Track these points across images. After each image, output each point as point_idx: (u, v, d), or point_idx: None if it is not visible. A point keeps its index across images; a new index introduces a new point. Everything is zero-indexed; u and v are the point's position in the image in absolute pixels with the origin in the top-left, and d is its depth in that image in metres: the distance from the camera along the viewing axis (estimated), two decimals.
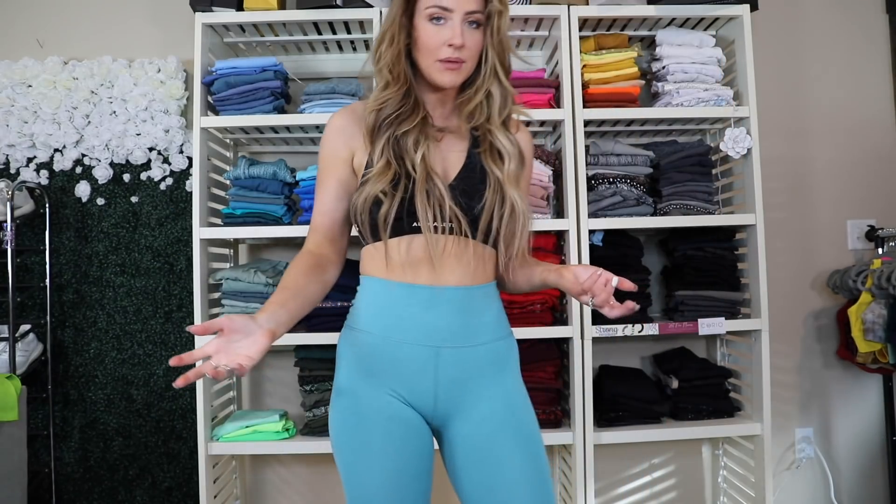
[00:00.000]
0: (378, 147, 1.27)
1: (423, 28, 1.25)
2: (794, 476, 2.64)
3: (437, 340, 1.28)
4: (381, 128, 1.28)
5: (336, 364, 1.36)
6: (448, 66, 1.25)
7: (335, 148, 1.33)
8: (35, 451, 2.53)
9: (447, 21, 1.23)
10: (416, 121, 1.28)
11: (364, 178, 1.28)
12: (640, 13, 2.29)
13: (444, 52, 1.24)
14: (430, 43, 1.24)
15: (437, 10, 1.23)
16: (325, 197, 1.32)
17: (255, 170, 2.27)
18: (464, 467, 1.30)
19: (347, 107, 1.38)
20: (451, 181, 1.30)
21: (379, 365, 1.30)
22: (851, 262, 2.64)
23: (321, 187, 1.33)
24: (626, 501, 2.63)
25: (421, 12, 1.25)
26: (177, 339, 2.58)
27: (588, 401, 2.19)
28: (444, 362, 1.29)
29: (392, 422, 1.28)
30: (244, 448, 2.28)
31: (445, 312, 1.28)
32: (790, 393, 2.66)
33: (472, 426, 1.30)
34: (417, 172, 1.24)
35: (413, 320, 1.28)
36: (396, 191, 1.25)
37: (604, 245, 2.29)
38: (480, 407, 1.31)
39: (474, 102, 1.31)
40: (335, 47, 2.53)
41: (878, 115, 2.71)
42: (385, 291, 1.30)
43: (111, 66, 2.55)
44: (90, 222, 2.59)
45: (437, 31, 1.24)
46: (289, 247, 2.61)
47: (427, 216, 1.24)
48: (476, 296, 1.32)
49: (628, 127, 2.50)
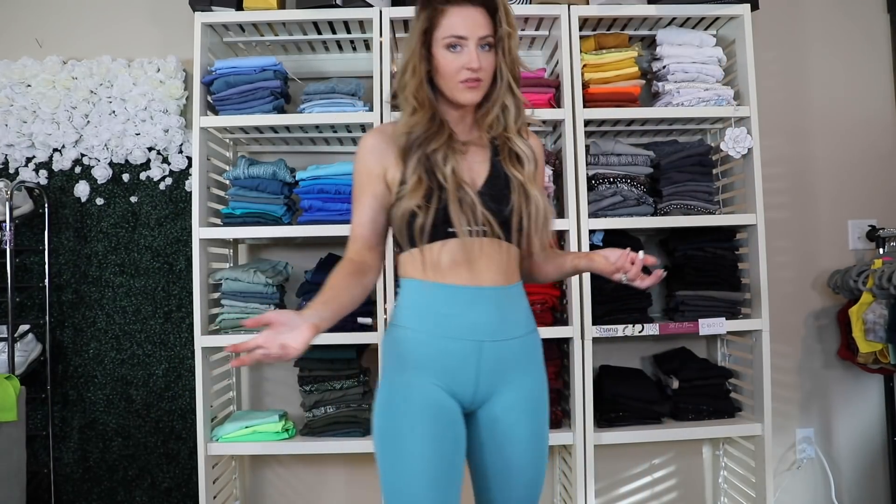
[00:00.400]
0: (410, 166, 1.40)
1: (442, 56, 1.39)
2: (795, 476, 2.64)
3: (480, 335, 1.41)
4: (412, 148, 1.41)
5: (381, 360, 1.51)
6: (468, 85, 1.40)
7: (369, 166, 1.45)
8: (34, 452, 2.53)
9: (463, 48, 1.38)
10: (444, 139, 1.41)
11: (399, 195, 1.41)
12: (640, 13, 2.29)
13: (463, 75, 1.39)
14: (450, 68, 1.39)
15: (453, 40, 1.38)
16: (363, 210, 1.46)
17: (254, 170, 2.27)
18: (486, 445, 1.45)
19: (378, 128, 1.53)
20: (480, 188, 1.43)
21: (424, 359, 1.42)
22: (852, 262, 2.64)
23: (358, 202, 1.46)
24: (627, 502, 2.62)
25: (438, 42, 1.39)
26: (176, 339, 2.57)
27: (588, 401, 2.19)
28: (486, 355, 1.42)
29: (436, 409, 1.40)
30: (244, 448, 2.28)
31: (486, 310, 1.42)
32: (791, 393, 2.65)
33: (501, 410, 1.44)
34: (449, 183, 1.38)
35: (458, 318, 1.40)
36: (430, 203, 1.38)
37: (604, 245, 2.29)
38: (509, 394, 1.45)
39: (493, 115, 1.45)
40: (335, 47, 2.53)
41: (879, 114, 2.71)
42: (427, 292, 1.42)
43: (110, 65, 2.55)
44: (89, 222, 2.59)
45: (455, 58, 1.39)
46: (288, 247, 2.60)
47: (461, 222, 1.38)
48: (510, 294, 1.46)
49: (628, 127, 2.50)
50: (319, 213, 2.25)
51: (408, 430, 1.38)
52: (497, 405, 1.45)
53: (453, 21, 1.37)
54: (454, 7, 1.38)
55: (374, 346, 2.23)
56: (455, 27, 1.37)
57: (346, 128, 2.40)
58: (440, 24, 1.38)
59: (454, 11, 1.38)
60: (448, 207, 1.37)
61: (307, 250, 2.57)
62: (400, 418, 1.40)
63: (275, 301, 2.29)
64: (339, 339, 2.21)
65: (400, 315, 1.46)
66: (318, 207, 2.25)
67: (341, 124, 2.32)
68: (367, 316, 2.25)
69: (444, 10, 1.38)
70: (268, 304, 2.27)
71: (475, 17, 1.38)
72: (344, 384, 2.27)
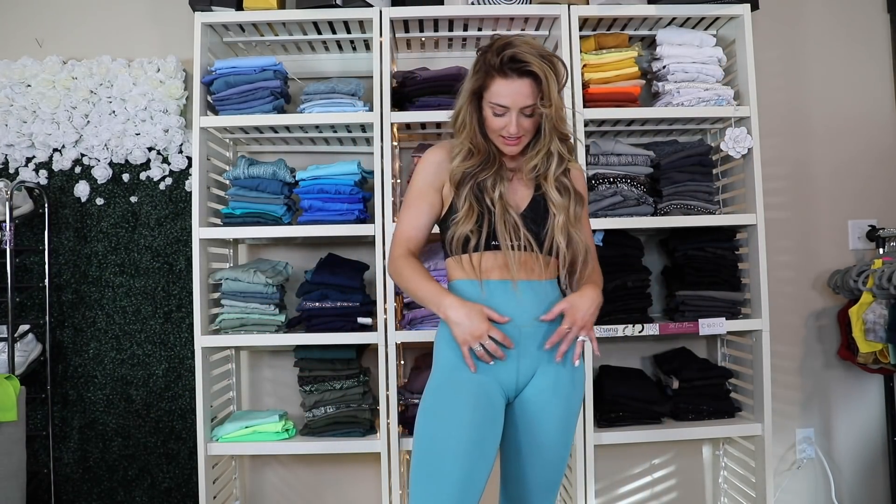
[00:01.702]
0: (462, 194, 1.57)
1: (488, 115, 1.57)
2: (795, 476, 2.64)
3: (520, 321, 1.56)
4: (466, 180, 1.58)
5: (434, 354, 1.64)
6: (508, 142, 1.58)
7: (431, 179, 1.63)
8: (34, 452, 2.53)
9: (505, 114, 1.54)
10: (493, 169, 1.58)
11: (454, 220, 1.57)
12: (640, 13, 2.29)
13: (504, 133, 1.56)
14: (494, 127, 1.57)
15: (497, 108, 1.54)
16: (418, 216, 1.63)
17: (254, 170, 2.27)
18: (519, 425, 1.59)
19: (442, 144, 1.67)
20: (523, 211, 1.60)
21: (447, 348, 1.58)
22: (852, 262, 2.64)
23: (414, 207, 1.63)
24: (627, 502, 2.62)
25: (486, 102, 1.56)
26: (176, 339, 2.57)
27: (588, 401, 2.19)
28: (525, 339, 1.56)
29: (481, 398, 1.52)
30: (244, 448, 2.28)
31: (524, 298, 1.57)
32: (791, 393, 2.65)
33: (534, 392, 1.58)
34: (497, 208, 1.55)
35: (500, 308, 1.55)
36: (481, 228, 1.55)
37: (604, 245, 2.29)
38: (542, 377, 1.58)
39: (534, 161, 1.60)
40: (335, 47, 2.53)
41: (879, 114, 2.71)
42: (473, 288, 1.58)
43: (110, 65, 2.55)
44: (89, 222, 2.58)
45: (499, 120, 1.55)
46: (288, 247, 2.60)
47: (505, 238, 1.56)
48: (544, 286, 1.61)
49: (629, 127, 2.50)
50: (319, 213, 2.25)
51: (450, 412, 1.51)
52: (531, 388, 1.58)
53: (500, 90, 1.52)
54: (502, 79, 1.51)
55: (374, 346, 2.23)
56: (500, 97, 1.52)
57: (346, 128, 2.40)
58: (489, 88, 1.53)
59: (502, 83, 1.52)
60: (495, 226, 1.55)
61: (307, 250, 2.57)
62: (445, 400, 1.53)
63: (275, 301, 2.29)
64: (339, 339, 2.21)
65: None
66: (318, 207, 2.25)
67: (341, 124, 2.32)
68: (366, 316, 2.25)
69: (494, 78, 1.52)
70: (268, 304, 2.27)
71: (521, 88, 1.51)
72: (344, 384, 2.27)
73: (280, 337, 2.26)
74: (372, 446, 2.22)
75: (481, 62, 1.54)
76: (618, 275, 2.29)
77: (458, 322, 1.50)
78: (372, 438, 2.25)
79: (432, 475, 1.48)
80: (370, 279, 2.37)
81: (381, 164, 2.21)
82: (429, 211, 1.63)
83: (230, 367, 2.51)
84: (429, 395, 1.57)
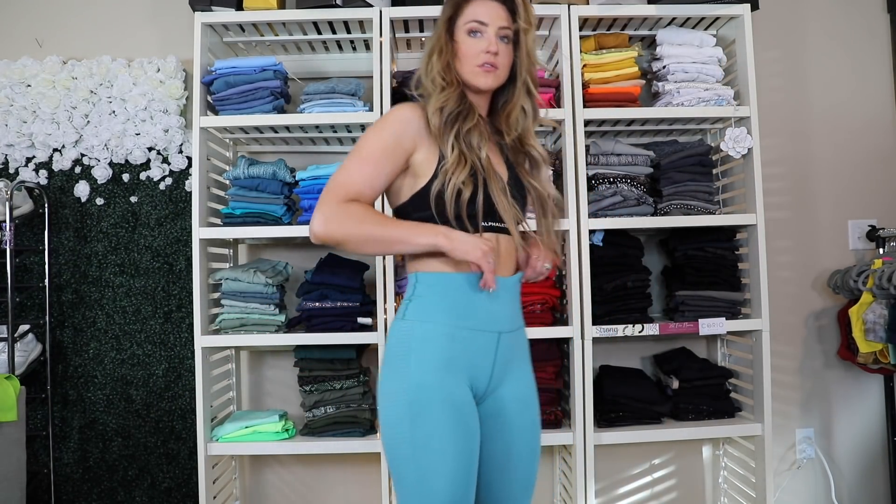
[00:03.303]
0: (448, 142, 1.40)
1: (464, 41, 1.46)
2: (795, 476, 2.64)
3: (498, 326, 1.44)
4: (447, 124, 1.41)
5: (401, 358, 1.40)
6: (486, 68, 1.45)
7: (402, 136, 1.41)
8: (34, 452, 2.53)
9: (483, 34, 1.45)
10: (476, 119, 1.44)
11: (442, 168, 1.39)
12: (640, 13, 2.29)
13: (481, 59, 1.45)
14: (470, 52, 1.45)
15: (475, 25, 1.45)
16: (378, 175, 1.39)
17: (254, 170, 2.27)
18: (490, 434, 1.46)
19: (414, 103, 1.47)
20: (507, 181, 1.47)
21: (452, 354, 1.40)
22: (852, 262, 2.64)
23: (375, 165, 1.39)
24: (627, 502, 2.62)
25: (461, 28, 1.47)
26: (176, 339, 2.57)
27: (588, 401, 2.19)
28: (502, 346, 1.45)
29: (460, 410, 1.38)
30: (244, 448, 2.28)
31: (504, 300, 1.45)
32: (791, 393, 2.65)
33: (506, 400, 1.47)
34: (485, 169, 1.40)
35: (481, 309, 1.42)
36: (476, 185, 1.38)
37: (604, 245, 2.29)
38: (512, 384, 1.48)
39: (514, 116, 1.50)
40: (335, 47, 2.53)
41: (880, 114, 2.71)
42: (454, 284, 1.41)
43: (110, 65, 2.55)
44: (89, 222, 2.58)
45: (476, 43, 1.45)
46: (288, 247, 2.60)
47: (508, 212, 1.42)
48: (517, 284, 1.50)
49: (628, 127, 2.50)
50: None
51: (436, 435, 1.35)
52: (502, 395, 1.47)
53: (476, 9, 1.46)
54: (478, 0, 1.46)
55: (374, 346, 2.23)
56: (477, 13, 1.46)
57: (346, 128, 2.40)
58: (464, 11, 1.47)
59: (478, 2, 1.46)
60: (491, 196, 1.40)
61: (307, 250, 2.57)
62: (425, 422, 1.35)
63: (275, 301, 2.28)
64: (339, 339, 2.21)
65: (424, 310, 1.42)
66: None
67: (341, 124, 2.32)
68: (366, 316, 2.25)
69: (469, 1, 1.47)
70: (268, 304, 2.27)
71: (496, 8, 1.46)
72: (344, 384, 2.27)
73: (280, 337, 2.26)
74: (372, 446, 2.22)
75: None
76: (618, 275, 2.29)
77: (465, 239, 1.35)
78: (372, 438, 2.25)
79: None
80: (370, 279, 2.36)
81: None
82: (390, 172, 1.41)
83: (230, 367, 2.51)
84: (405, 422, 1.36)
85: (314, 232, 1.35)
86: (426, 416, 1.36)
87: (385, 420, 1.39)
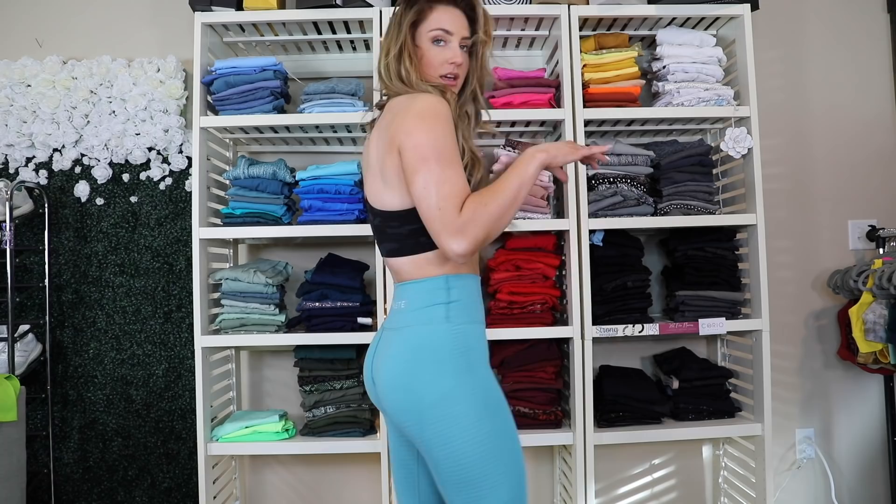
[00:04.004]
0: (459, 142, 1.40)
1: (428, 48, 1.48)
2: (795, 476, 2.64)
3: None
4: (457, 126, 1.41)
5: (459, 359, 1.38)
6: (449, 81, 1.49)
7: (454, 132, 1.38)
8: (34, 452, 2.53)
9: (448, 43, 1.48)
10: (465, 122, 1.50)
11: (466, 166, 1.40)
12: (640, 13, 2.29)
13: (445, 69, 1.48)
14: (435, 60, 1.48)
15: (440, 33, 1.47)
16: (462, 172, 1.35)
17: (254, 170, 2.27)
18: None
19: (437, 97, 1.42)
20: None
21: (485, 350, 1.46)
22: (852, 262, 2.64)
23: (457, 164, 1.34)
24: (627, 502, 2.62)
25: (424, 35, 1.47)
26: (176, 339, 2.57)
27: (588, 401, 2.19)
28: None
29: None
30: (244, 448, 2.28)
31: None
32: (791, 393, 2.65)
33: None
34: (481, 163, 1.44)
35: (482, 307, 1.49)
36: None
37: (604, 245, 2.29)
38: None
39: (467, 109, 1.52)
40: (335, 47, 2.53)
41: (880, 114, 2.71)
42: (473, 285, 1.47)
43: (110, 65, 2.55)
44: (89, 222, 2.58)
45: (441, 52, 1.47)
46: (288, 247, 2.60)
47: None
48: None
49: (628, 127, 2.49)
50: (319, 213, 2.25)
51: (511, 423, 1.41)
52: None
53: (441, 17, 1.47)
54: (441, 5, 1.47)
55: None
56: (443, 22, 1.47)
57: (346, 128, 2.40)
58: (428, 17, 1.47)
59: (441, 9, 1.47)
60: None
61: (307, 250, 2.57)
62: (503, 413, 1.39)
63: (275, 301, 2.28)
64: (339, 339, 2.21)
65: (461, 311, 1.41)
66: (318, 207, 2.25)
67: (341, 124, 2.31)
68: (367, 316, 2.25)
69: (433, 7, 1.47)
70: (268, 304, 2.27)
71: (460, 18, 1.48)
72: (344, 384, 2.27)
73: (280, 337, 2.26)
74: (372, 446, 2.22)
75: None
76: (618, 275, 2.29)
77: (557, 146, 1.40)
78: (372, 438, 2.25)
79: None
80: (370, 279, 2.36)
81: None
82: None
83: (230, 367, 2.51)
84: (485, 420, 1.35)
85: (460, 253, 1.28)
86: (501, 408, 1.39)
87: (458, 423, 1.34)
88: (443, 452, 1.34)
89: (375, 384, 1.45)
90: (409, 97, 1.40)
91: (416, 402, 1.36)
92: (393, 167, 1.38)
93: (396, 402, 1.39)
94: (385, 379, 1.41)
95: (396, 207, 1.41)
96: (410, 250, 1.42)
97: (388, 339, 1.44)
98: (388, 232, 1.44)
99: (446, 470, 1.35)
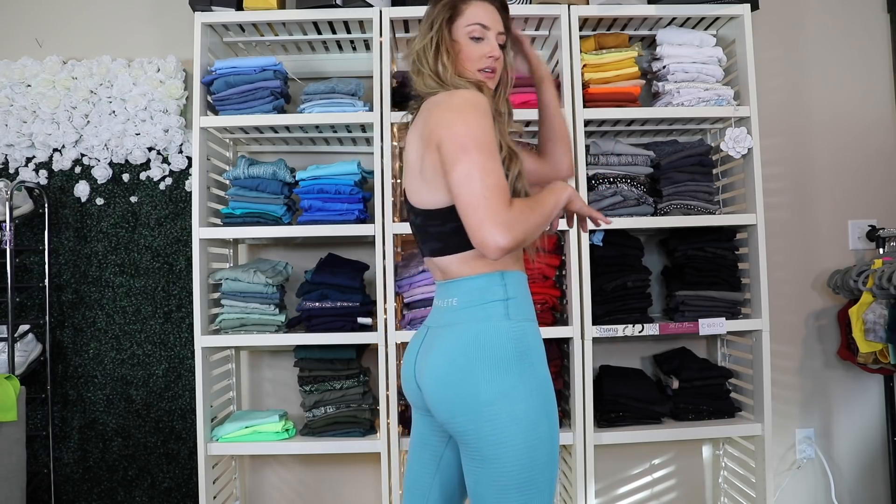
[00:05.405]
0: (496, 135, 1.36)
1: (466, 44, 1.47)
2: (795, 476, 2.64)
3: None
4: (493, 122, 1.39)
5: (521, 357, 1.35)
6: (487, 75, 1.48)
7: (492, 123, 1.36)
8: (34, 452, 2.53)
9: (485, 38, 1.47)
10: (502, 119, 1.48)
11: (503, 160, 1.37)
12: (640, 13, 2.29)
13: (484, 63, 1.47)
14: (474, 55, 1.47)
15: (478, 28, 1.47)
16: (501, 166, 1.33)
17: (254, 170, 2.27)
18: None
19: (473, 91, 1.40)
20: None
21: (542, 348, 1.43)
22: (852, 262, 2.64)
23: (497, 157, 1.32)
24: (627, 502, 2.62)
25: (461, 30, 1.47)
26: (176, 339, 2.57)
27: (588, 401, 2.19)
28: None
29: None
30: (244, 448, 2.28)
31: None
32: (791, 393, 2.65)
33: None
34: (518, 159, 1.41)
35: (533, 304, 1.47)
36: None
37: (604, 245, 2.29)
38: None
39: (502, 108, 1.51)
40: (335, 47, 2.53)
41: (880, 114, 2.71)
42: (525, 282, 1.45)
43: (110, 65, 2.55)
44: (89, 222, 2.58)
45: (479, 47, 1.47)
46: (288, 247, 2.60)
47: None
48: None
49: (628, 127, 2.50)
50: (319, 213, 2.25)
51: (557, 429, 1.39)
52: None
53: (477, 12, 1.47)
54: (476, 0, 1.47)
55: (374, 346, 2.22)
56: (479, 16, 1.47)
57: (346, 128, 2.40)
58: (464, 13, 1.47)
59: (476, 4, 1.48)
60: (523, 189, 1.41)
61: (307, 250, 2.57)
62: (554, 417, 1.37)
63: (275, 301, 2.28)
64: (339, 339, 2.21)
65: (519, 308, 1.39)
66: (318, 207, 2.25)
67: (341, 124, 2.32)
68: (367, 316, 2.25)
69: (467, 2, 1.47)
70: (268, 304, 2.27)
71: (494, 13, 1.49)
72: (344, 384, 2.27)
73: (280, 337, 2.26)
74: (372, 446, 2.22)
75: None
76: (618, 275, 2.29)
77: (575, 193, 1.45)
78: (372, 438, 2.25)
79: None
80: (370, 279, 2.36)
81: (381, 164, 2.21)
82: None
83: (230, 367, 2.51)
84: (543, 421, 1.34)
85: (500, 246, 1.23)
86: (554, 411, 1.37)
87: (517, 422, 1.31)
88: (496, 451, 1.30)
89: (419, 382, 1.41)
90: (446, 94, 1.40)
91: (472, 398, 1.31)
92: (432, 164, 1.35)
93: (448, 399, 1.34)
94: (436, 375, 1.36)
95: (437, 205, 1.38)
96: (457, 248, 1.38)
97: (436, 336, 1.40)
98: (431, 231, 1.42)
99: (494, 470, 1.30)
